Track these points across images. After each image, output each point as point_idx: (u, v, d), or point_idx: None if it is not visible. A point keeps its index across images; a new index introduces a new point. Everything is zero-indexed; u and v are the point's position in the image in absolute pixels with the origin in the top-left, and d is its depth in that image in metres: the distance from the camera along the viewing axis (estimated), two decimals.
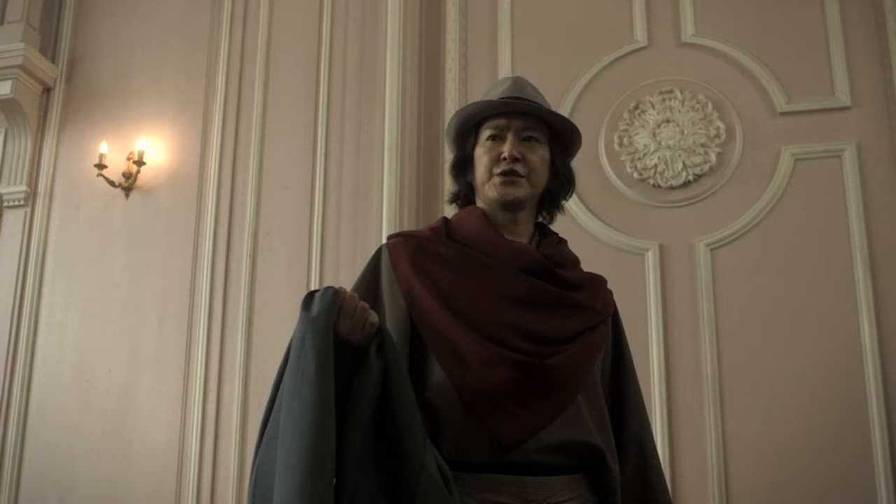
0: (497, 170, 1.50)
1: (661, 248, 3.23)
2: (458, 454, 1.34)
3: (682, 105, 3.36)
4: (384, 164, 3.51)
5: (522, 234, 1.55)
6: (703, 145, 3.31)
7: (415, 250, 1.49)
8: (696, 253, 3.20)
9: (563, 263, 1.53)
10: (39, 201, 3.98)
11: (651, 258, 3.23)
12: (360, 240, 3.49)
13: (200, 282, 3.65)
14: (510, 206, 1.52)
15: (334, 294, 1.27)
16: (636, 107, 3.41)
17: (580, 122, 3.44)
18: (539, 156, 1.53)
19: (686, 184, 3.29)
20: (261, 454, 1.27)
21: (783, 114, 3.27)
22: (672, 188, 3.31)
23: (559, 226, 1.63)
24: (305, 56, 3.79)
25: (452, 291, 1.44)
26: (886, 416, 2.90)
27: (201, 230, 3.72)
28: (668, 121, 3.36)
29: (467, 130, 1.58)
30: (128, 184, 3.84)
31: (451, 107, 3.57)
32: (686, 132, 3.33)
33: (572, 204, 3.34)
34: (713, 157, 3.29)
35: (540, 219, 1.61)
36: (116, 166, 3.86)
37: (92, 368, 3.70)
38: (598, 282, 1.59)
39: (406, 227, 3.42)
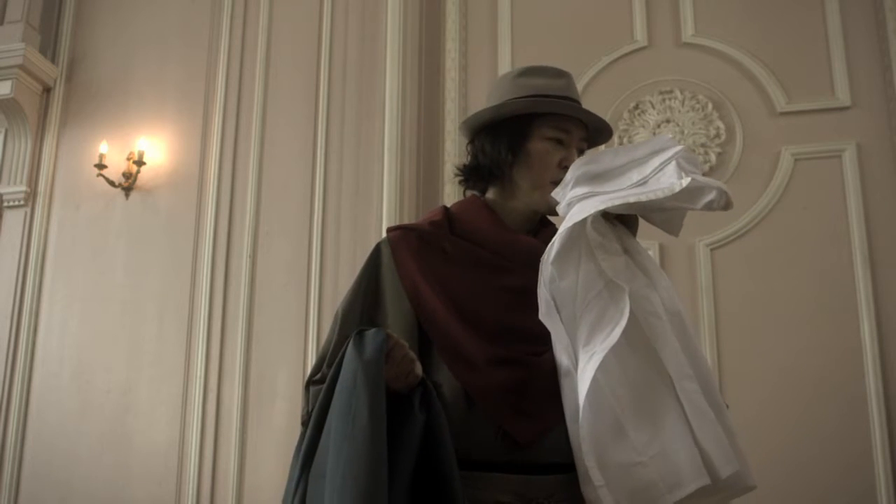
0: (556, 178, 1.48)
1: (662, 247, 3.23)
2: (461, 452, 1.32)
3: (682, 105, 3.36)
4: (384, 164, 3.51)
5: (524, 225, 1.54)
6: (703, 145, 3.31)
7: (418, 246, 1.45)
8: (696, 253, 3.19)
9: None
10: (39, 201, 3.98)
11: None
12: (360, 240, 3.48)
13: (200, 282, 3.65)
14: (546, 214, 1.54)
15: (386, 338, 1.24)
16: (636, 107, 3.41)
17: None
18: None
19: None
20: (309, 490, 1.24)
21: (783, 114, 3.27)
22: None
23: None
24: (305, 56, 3.79)
25: (458, 291, 1.42)
26: (886, 416, 2.90)
27: (201, 230, 3.72)
28: (668, 121, 3.36)
29: (522, 117, 1.51)
30: (128, 184, 3.84)
31: (451, 107, 3.57)
32: (686, 132, 3.33)
33: None
34: (713, 157, 3.28)
35: None
36: (116, 166, 3.86)
37: (92, 368, 3.70)
38: None
39: None
